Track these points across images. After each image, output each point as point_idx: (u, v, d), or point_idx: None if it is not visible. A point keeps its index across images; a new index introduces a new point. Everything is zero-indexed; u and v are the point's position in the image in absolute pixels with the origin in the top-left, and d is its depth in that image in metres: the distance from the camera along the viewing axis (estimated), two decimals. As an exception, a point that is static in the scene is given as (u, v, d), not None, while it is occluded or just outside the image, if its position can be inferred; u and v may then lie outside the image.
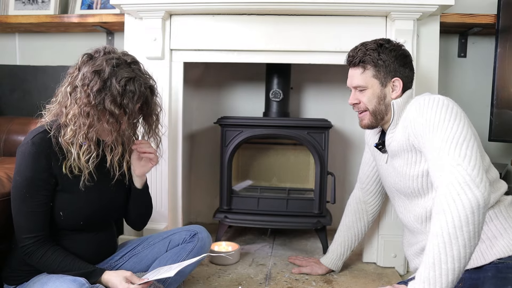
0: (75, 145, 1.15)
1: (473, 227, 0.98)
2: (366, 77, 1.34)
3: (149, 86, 1.22)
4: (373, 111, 1.35)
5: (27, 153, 1.13)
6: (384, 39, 1.37)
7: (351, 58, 1.36)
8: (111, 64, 1.14)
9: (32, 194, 1.13)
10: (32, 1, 2.29)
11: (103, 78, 1.13)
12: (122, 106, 1.14)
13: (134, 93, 1.15)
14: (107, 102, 1.13)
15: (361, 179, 1.69)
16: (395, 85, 1.33)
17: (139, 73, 1.20)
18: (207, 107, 2.38)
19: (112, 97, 1.13)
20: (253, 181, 2.21)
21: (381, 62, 1.31)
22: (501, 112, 1.93)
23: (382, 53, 1.32)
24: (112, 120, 1.15)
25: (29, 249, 1.14)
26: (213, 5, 1.72)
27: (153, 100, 1.26)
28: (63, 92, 1.18)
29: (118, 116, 1.15)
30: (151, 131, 1.32)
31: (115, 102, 1.13)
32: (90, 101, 1.13)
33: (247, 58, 1.83)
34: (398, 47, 1.35)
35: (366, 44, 1.36)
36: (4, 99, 2.39)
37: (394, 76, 1.33)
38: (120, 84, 1.13)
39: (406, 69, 1.34)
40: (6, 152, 2.00)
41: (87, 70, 1.14)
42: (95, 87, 1.12)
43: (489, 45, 2.17)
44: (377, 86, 1.33)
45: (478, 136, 1.20)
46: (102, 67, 1.13)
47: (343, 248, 1.71)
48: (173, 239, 1.43)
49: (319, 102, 2.33)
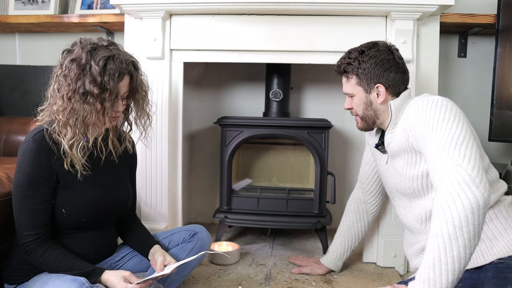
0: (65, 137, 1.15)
1: (473, 227, 0.98)
2: (351, 85, 1.39)
3: (131, 61, 1.22)
4: (362, 117, 1.40)
5: (28, 150, 1.14)
6: (369, 44, 1.37)
7: (337, 68, 1.43)
8: (87, 50, 1.15)
9: (33, 192, 1.14)
10: (32, 1, 2.29)
11: (81, 63, 1.14)
12: (102, 85, 1.14)
13: (115, 70, 1.16)
14: (86, 83, 1.13)
15: (361, 179, 1.69)
16: (379, 91, 1.35)
17: (118, 52, 1.20)
18: (207, 107, 2.38)
19: (92, 77, 1.13)
20: (253, 181, 2.21)
21: (361, 71, 1.35)
22: (501, 112, 1.93)
23: (362, 61, 1.34)
24: (92, 100, 1.14)
25: (30, 247, 1.14)
26: (213, 5, 1.72)
27: (138, 75, 1.26)
28: (51, 91, 1.19)
29: (99, 95, 1.15)
30: (140, 109, 1.31)
31: (95, 82, 1.14)
32: (71, 87, 1.13)
33: (247, 58, 1.83)
34: (380, 52, 1.34)
35: (350, 52, 1.39)
36: (4, 99, 2.39)
37: (377, 82, 1.34)
38: (99, 64, 1.14)
39: (391, 73, 1.34)
40: (6, 152, 2.00)
41: (66, 62, 1.16)
42: (74, 74, 1.13)
43: (489, 45, 2.17)
44: (362, 93, 1.37)
45: (478, 136, 1.20)
46: (79, 55, 1.15)
47: (343, 248, 1.71)
48: (173, 239, 1.43)
49: (319, 102, 2.33)
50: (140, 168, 1.50)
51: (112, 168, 1.31)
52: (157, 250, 1.33)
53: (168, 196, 1.86)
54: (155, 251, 1.33)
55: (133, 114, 1.34)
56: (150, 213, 1.86)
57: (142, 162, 1.81)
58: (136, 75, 1.24)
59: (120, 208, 1.35)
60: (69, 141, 1.15)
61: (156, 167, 1.84)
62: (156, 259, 1.28)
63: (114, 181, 1.32)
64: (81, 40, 1.19)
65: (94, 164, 1.24)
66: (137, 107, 1.31)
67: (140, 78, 1.27)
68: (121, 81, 1.18)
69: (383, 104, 1.35)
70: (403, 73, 1.38)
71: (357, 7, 1.67)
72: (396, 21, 1.70)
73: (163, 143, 1.83)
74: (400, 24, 1.70)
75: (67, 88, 1.14)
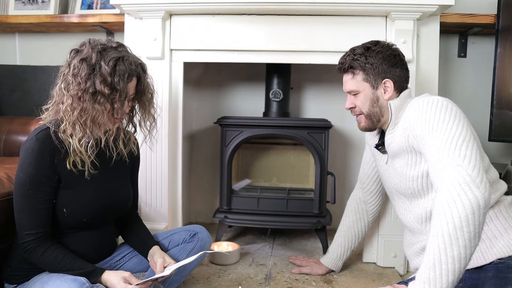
0: (74, 136, 1.16)
1: (473, 227, 0.98)
2: (357, 82, 1.37)
3: (139, 63, 1.24)
4: (368, 114, 1.37)
5: (31, 149, 1.13)
6: (373, 42, 1.39)
7: (341, 65, 1.41)
8: (97, 50, 1.16)
9: (35, 191, 1.14)
10: (32, 1, 2.29)
11: (91, 63, 1.15)
12: (112, 85, 1.15)
13: (125, 72, 1.17)
14: (97, 83, 1.14)
15: (361, 179, 1.69)
16: (386, 86, 1.34)
17: (127, 53, 1.21)
18: (207, 107, 2.38)
19: (102, 77, 1.14)
20: (253, 181, 2.21)
21: (369, 66, 1.34)
22: (501, 112, 1.93)
23: (369, 56, 1.34)
24: (102, 100, 1.15)
25: (30, 246, 1.14)
26: (213, 5, 1.72)
27: (146, 77, 1.28)
28: (58, 90, 1.19)
29: (109, 96, 1.16)
30: (146, 112, 1.32)
31: (105, 82, 1.14)
32: (81, 87, 1.14)
33: (247, 58, 1.83)
34: (386, 48, 1.36)
35: (354, 49, 1.39)
36: (4, 99, 2.39)
37: (384, 78, 1.34)
38: (109, 65, 1.15)
39: (397, 69, 1.35)
40: (6, 152, 2.00)
41: (75, 61, 1.16)
42: (84, 73, 1.14)
43: (489, 45, 2.17)
44: (368, 89, 1.36)
45: (478, 137, 1.20)
46: (89, 54, 1.16)
47: (343, 248, 1.71)
48: (173, 239, 1.43)
49: (319, 102, 2.33)
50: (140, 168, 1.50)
51: (113, 168, 1.31)
52: (156, 251, 1.33)
53: (168, 196, 1.86)
54: (154, 253, 1.32)
55: (138, 117, 1.35)
56: (150, 213, 1.86)
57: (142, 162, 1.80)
58: (144, 78, 1.26)
59: (121, 208, 1.35)
60: (79, 140, 1.16)
61: (156, 167, 1.84)
62: (155, 260, 1.28)
63: (115, 181, 1.32)
64: (90, 41, 1.20)
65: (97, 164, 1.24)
66: (143, 109, 1.32)
67: (146, 81, 1.28)
68: (130, 82, 1.19)
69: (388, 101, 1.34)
70: (407, 70, 1.39)
71: (357, 7, 1.67)
72: (396, 21, 1.70)
73: (163, 143, 1.83)
74: (400, 24, 1.70)
75: (77, 88, 1.14)
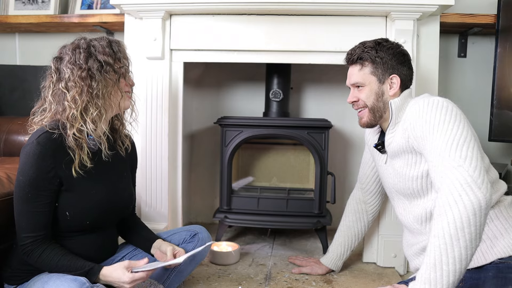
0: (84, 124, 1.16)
1: (474, 228, 0.98)
2: (364, 74, 1.36)
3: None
4: (372, 108, 1.36)
5: (32, 153, 1.12)
6: (382, 38, 1.40)
7: (350, 56, 1.40)
8: (82, 39, 1.21)
9: (35, 195, 1.13)
10: (32, 1, 2.29)
11: (84, 47, 1.18)
12: (113, 55, 1.19)
13: (118, 44, 1.22)
14: (99, 57, 1.17)
15: (361, 179, 1.69)
16: (392, 82, 1.35)
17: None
18: (207, 107, 2.38)
19: (102, 50, 1.18)
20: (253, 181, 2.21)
21: (379, 59, 1.34)
22: (501, 112, 1.93)
23: (380, 50, 1.34)
24: (108, 68, 1.18)
25: (28, 248, 1.13)
26: (213, 5, 1.72)
27: None
28: (58, 91, 1.18)
29: (113, 65, 1.19)
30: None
31: (106, 53, 1.18)
32: (84, 67, 1.16)
33: (247, 58, 1.83)
34: (396, 46, 1.38)
35: (364, 42, 1.39)
36: (4, 99, 2.39)
37: (392, 73, 1.34)
38: (103, 43, 1.20)
39: (404, 67, 1.36)
40: (6, 152, 2.00)
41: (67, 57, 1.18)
42: (82, 56, 1.17)
43: (489, 45, 2.17)
44: (375, 83, 1.35)
45: (478, 137, 1.20)
46: (78, 43, 1.19)
47: (343, 248, 1.71)
48: (173, 239, 1.43)
49: (319, 102, 2.33)
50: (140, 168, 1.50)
51: (115, 170, 1.31)
52: (161, 243, 1.35)
53: (168, 196, 1.86)
54: (159, 245, 1.35)
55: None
56: (150, 213, 1.86)
57: (142, 162, 1.81)
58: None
59: (123, 210, 1.35)
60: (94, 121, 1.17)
61: (156, 167, 1.84)
62: (163, 250, 1.30)
63: (118, 183, 1.31)
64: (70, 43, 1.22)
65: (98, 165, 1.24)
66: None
67: None
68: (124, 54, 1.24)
69: (392, 97, 1.34)
70: (412, 71, 1.40)
71: (357, 7, 1.67)
72: (396, 21, 1.70)
73: (163, 143, 1.83)
74: (400, 24, 1.70)
75: (79, 72, 1.15)
